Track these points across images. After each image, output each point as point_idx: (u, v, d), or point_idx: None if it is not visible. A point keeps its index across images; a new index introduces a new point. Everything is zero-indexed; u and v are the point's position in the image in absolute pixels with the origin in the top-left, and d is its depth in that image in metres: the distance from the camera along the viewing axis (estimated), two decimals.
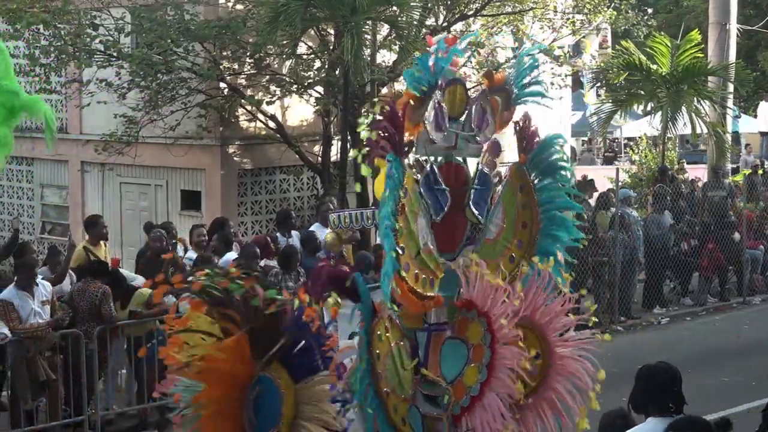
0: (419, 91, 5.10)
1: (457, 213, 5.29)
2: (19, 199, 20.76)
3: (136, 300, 11.34)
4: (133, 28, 16.69)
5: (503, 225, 5.39)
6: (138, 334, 11.28)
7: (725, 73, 20.66)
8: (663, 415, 5.62)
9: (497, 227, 5.39)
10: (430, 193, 5.21)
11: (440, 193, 5.23)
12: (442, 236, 5.25)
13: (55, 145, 10.99)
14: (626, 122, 27.89)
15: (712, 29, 21.59)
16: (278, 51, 16.38)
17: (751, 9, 34.30)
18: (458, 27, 18.18)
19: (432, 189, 5.21)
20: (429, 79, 5.11)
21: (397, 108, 5.06)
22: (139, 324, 11.29)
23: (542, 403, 5.09)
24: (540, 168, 5.43)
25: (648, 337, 15.25)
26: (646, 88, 20.59)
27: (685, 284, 17.39)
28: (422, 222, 5.13)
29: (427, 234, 5.16)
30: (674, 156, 23.29)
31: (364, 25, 15.15)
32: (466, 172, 5.33)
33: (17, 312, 10.42)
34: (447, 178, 5.27)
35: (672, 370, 5.73)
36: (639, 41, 22.98)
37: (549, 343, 5.08)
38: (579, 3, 19.34)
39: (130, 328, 11.32)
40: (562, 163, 5.45)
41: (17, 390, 10.46)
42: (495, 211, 5.40)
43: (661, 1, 40.35)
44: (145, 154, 17.50)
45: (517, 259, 5.35)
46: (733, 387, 12.08)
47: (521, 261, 5.33)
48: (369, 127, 4.97)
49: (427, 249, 5.12)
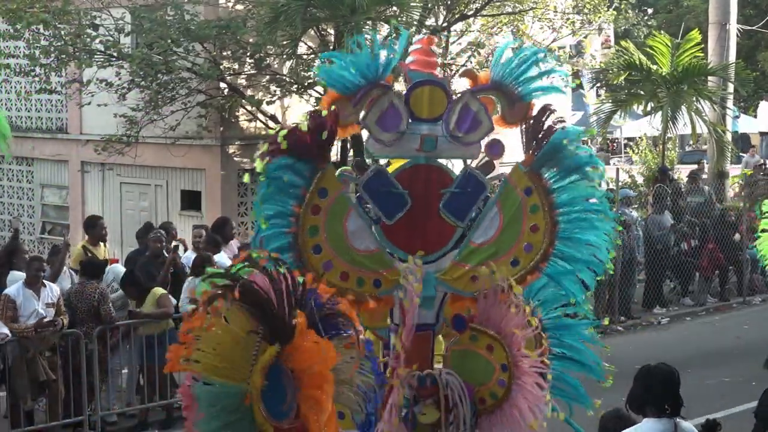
0: (344, 90, 5.12)
1: (431, 216, 5.24)
2: (19, 200, 20.77)
3: (150, 299, 11.34)
4: (133, 28, 16.70)
5: (500, 228, 5.24)
6: (150, 332, 11.29)
7: (725, 73, 20.66)
8: (660, 415, 5.62)
9: (489, 231, 5.24)
10: (376, 196, 5.17)
11: (392, 196, 5.19)
12: (411, 239, 5.22)
13: (10, 150, 10.98)
14: (626, 122, 27.89)
15: (712, 29, 21.60)
16: (278, 51, 16.38)
17: (751, 9, 34.30)
18: (458, 27, 18.20)
19: (378, 192, 5.17)
20: (358, 78, 5.12)
21: (323, 109, 5.08)
22: (153, 323, 11.29)
23: (504, 417, 5.03)
24: (560, 166, 5.18)
25: (648, 337, 15.25)
26: (646, 88, 20.59)
27: (685, 284, 17.39)
28: (355, 224, 5.15)
29: (368, 235, 5.18)
30: (674, 156, 23.29)
31: (364, 25, 15.15)
32: (447, 175, 5.25)
33: (16, 311, 10.43)
34: (413, 181, 5.21)
35: (670, 372, 5.73)
36: (639, 41, 22.99)
37: (514, 357, 4.95)
38: (579, 3, 19.34)
39: (143, 327, 11.33)
40: (586, 159, 5.15)
41: (17, 390, 10.45)
42: (486, 214, 5.27)
43: (661, 1, 40.36)
44: (146, 154, 17.51)
45: (523, 263, 5.20)
46: (733, 387, 12.07)
47: (531, 265, 5.20)
48: (284, 137, 4.96)
49: (369, 250, 5.16)
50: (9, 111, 20.77)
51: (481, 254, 5.22)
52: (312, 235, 5.14)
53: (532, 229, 5.20)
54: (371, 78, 5.11)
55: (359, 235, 5.17)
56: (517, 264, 5.21)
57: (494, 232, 5.24)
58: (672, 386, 5.68)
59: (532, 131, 5.20)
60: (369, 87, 5.12)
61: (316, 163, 5.09)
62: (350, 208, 5.19)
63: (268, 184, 5.05)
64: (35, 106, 20.33)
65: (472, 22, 18.31)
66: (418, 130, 5.21)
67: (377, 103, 5.15)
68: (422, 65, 5.32)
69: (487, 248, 5.23)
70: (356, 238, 5.17)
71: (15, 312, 10.43)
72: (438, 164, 5.28)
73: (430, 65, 5.32)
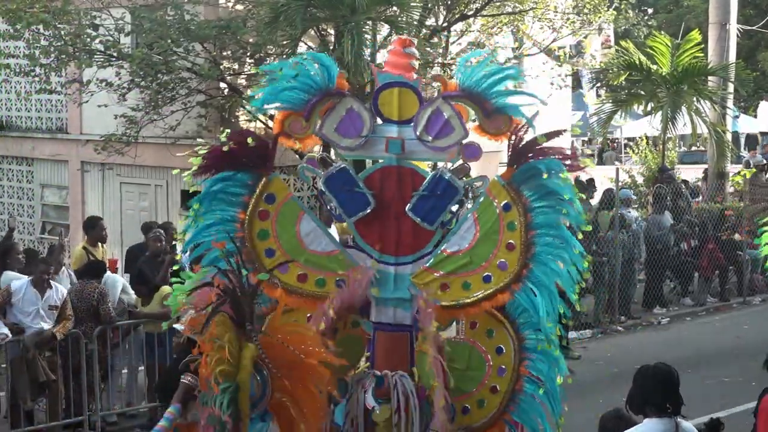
0: (293, 107, 5.19)
1: (403, 218, 5.28)
2: (19, 199, 20.76)
3: (158, 298, 11.33)
4: (133, 28, 16.69)
5: (474, 239, 5.23)
6: (151, 331, 11.27)
7: (725, 73, 20.65)
8: (660, 415, 5.62)
9: (463, 241, 5.24)
10: (338, 193, 5.27)
11: (355, 195, 5.25)
12: (384, 239, 5.30)
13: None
14: (627, 122, 27.91)
15: (712, 29, 21.59)
16: (278, 51, 16.36)
17: (752, 9, 34.35)
18: (458, 27, 18.20)
19: (340, 189, 5.26)
20: (302, 94, 5.18)
21: (273, 128, 5.28)
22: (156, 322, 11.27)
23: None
24: (535, 189, 5.15)
25: (648, 337, 15.24)
26: (646, 88, 20.59)
27: (685, 284, 17.39)
28: (309, 226, 5.29)
29: (324, 237, 5.31)
30: (674, 156, 23.28)
31: (364, 25, 15.14)
32: (421, 176, 5.27)
33: (11, 304, 10.41)
34: (384, 181, 5.27)
35: (670, 372, 5.73)
36: (639, 41, 22.98)
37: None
38: (579, 3, 19.33)
39: (148, 326, 11.31)
40: (560, 191, 5.10)
41: (17, 390, 10.45)
42: (462, 224, 5.26)
43: (661, 1, 40.39)
44: (145, 154, 17.50)
45: (495, 280, 5.18)
46: (733, 387, 12.07)
47: (503, 285, 5.18)
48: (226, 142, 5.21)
49: (327, 252, 5.29)
50: (9, 111, 20.78)
51: (453, 263, 5.24)
52: (262, 238, 5.28)
53: (507, 247, 5.18)
54: (317, 89, 5.17)
55: (314, 237, 5.29)
56: (489, 280, 5.21)
57: (468, 243, 5.24)
58: (671, 386, 5.68)
59: (514, 148, 5.19)
60: (318, 98, 5.19)
61: (259, 171, 5.27)
62: (302, 212, 5.33)
63: (207, 198, 5.32)
64: (35, 106, 20.32)
65: (472, 22, 18.31)
66: (385, 132, 5.27)
67: (333, 111, 5.25)
68: (394, 66, 5.35)
69: (461, 258, 5.24)
70: (311, 240, 5.29)
71: (7, 301, 10.40)
72: (411, 166, 5.30)
73: (403, 67, 5.34)
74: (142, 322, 11.33)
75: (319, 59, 5.24)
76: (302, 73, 5.18)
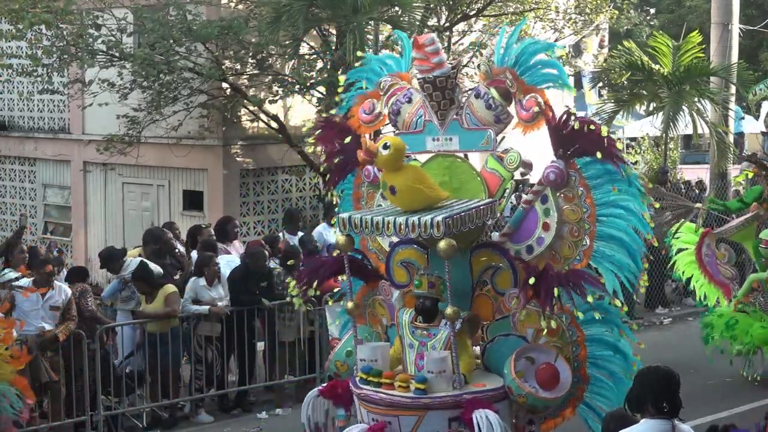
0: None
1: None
2: (21, 200, 20.78)
3: (161, 296, 11.32)
4: (136, 29, 16.71)
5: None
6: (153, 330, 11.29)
7: (727, 74, 20.63)
8: (658, 416, 5.62)
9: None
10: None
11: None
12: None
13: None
14: (629, 122, 27.88)
15: (714, 29, 21.55)
16: (280, 51, 16.38)
17: (754, 9, 34.31)
18: (460, 27, 18.22)
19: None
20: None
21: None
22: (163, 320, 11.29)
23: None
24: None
25: (650, 337, 15.21)
26: (648, 88, 20.57)
27: (687, 284, 17.33)
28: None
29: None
30: (676, 156, 23.27)
31: (366, 25, 15.16)
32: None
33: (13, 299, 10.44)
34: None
35: (669, 373, 5.72)
36: (641, 41, 22.96)
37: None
38: (581, 3, 19.34)
39: (151, 324, 11.31)
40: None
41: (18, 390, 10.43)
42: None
43: (663, 1, 40.35)
44: (148, 155, 17.52)
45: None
46: (734, 387, 12.07)
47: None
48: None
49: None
50: (11, 111, 20.80)
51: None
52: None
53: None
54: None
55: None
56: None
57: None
58: (670, 387, 5.67)
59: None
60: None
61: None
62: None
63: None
64: (37, 107, 20.34)
65: (473, 23, 18.31)
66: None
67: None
68: (425, 71, 5.76)
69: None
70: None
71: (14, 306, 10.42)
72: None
73: (434, 65, 5.62)
74: (145, 321, 11.33)
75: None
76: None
